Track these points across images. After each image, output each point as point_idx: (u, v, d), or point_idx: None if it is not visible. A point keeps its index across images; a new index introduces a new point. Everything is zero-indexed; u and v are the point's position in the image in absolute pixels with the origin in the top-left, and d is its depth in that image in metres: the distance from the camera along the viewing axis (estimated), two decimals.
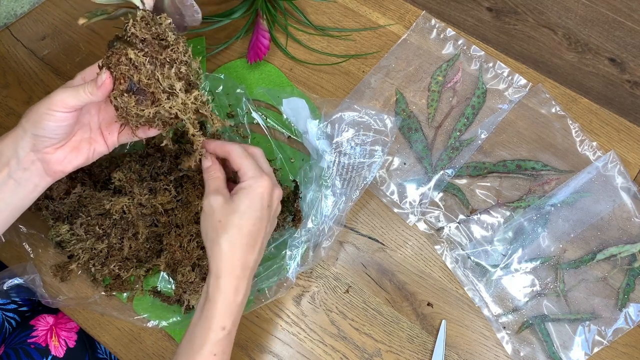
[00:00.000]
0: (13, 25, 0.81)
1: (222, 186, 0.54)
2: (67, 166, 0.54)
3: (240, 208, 0.52)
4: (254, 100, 0.75)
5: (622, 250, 0.68)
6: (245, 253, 0.52)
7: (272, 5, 0.79)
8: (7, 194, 0.52)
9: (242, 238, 0.51)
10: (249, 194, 0.52)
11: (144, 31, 0.49)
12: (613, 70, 0.82)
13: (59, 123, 0.50)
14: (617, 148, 0.74)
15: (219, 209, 0.52)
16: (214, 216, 0.52)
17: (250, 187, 0.52)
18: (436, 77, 0.77)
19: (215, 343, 0.50)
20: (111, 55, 0.49)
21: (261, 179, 0.53)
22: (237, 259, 0.51)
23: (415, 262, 0.69)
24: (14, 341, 0.66)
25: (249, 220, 0.52)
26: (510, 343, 0.65)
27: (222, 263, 0.51)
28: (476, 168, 0.73)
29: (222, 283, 0.50)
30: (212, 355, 0.50)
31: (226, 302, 0.51)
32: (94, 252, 0.63)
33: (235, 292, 0.51)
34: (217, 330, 0.50)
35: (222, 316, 0.50)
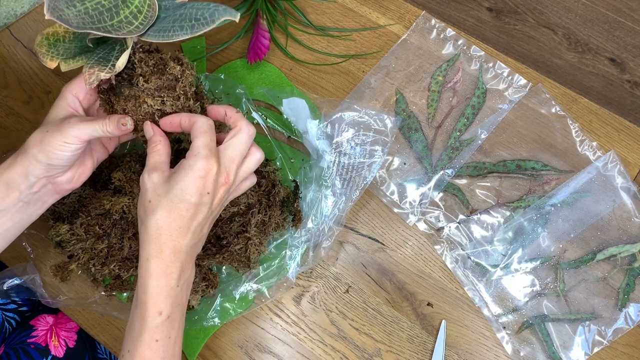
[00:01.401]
0: (13, 25, 0.81)
1: (161, 161, 0.50)
2: (76, 183, 0.55)
3: (173, 190, 0.47)
4: (254, 100, 0.75)
5: (622, 250, 0.68)
6: (174, 237, 0.48)
7: (272, 5, 0.79)
8: (15, 215, 0.52)
9: (171, 222, 0.48)
10: (186, 175, 0.47)
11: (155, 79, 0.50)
12: (613, 70, 0.82)
13: (73, 153, 0.50)
14: (617, 148, 0.74)
15: (151, 187, 0.48)
16: (145, 195, 0.48)
17: (190, 167, 0.47)
18: (436, 77, 0.77)
19: (155, 329, 0.48)
20: (123, 102, 0.51)
21: (206, 160, 0.47)
22: (164, 242, 0.48)
23: (415, 262, 0.69)
24: (14, 341, 0.66)
25: (181, 204, 0.47)
26: (510, 343, 0.65)
27: (149, 246, 0.48)
28: (476, 168, 0.73)
29: (151, 267, 0.48)
30: (154, 342, 0.48)
31: (158, 286, 0.48)
32: (94, 252, 0.63)
33: (166, 276, 0.48)
34: (154, 316, 0.48)
35: (156, 301, 0.48)
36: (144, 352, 0.48)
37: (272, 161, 0.71)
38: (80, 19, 0.45)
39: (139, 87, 0.50)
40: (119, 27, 0.46)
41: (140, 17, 0.47)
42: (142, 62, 0.50)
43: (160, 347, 0.48)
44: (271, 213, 0.65)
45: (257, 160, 0.53)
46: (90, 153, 0.56)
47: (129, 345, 0.48)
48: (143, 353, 0.48)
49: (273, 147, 0.72)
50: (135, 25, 0.47)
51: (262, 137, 0.72)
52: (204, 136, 0.49)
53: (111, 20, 0.46)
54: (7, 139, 0.74)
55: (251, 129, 0.51)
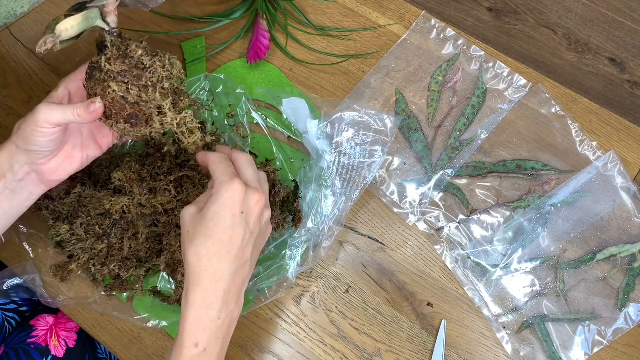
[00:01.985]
0: (13, 25, 0.81)
1: (201, 197, 0.51)
2: (62, 174, 0.55)
3: (207, 216, 0.48)
4: (254, 100, 0.75)
5: (622, 250, 0.68)
6: (214, 263, 0.47)
7: (272, 5, 0.79)
8: (4, 203, 0.53)
9: (209, 247, 0.47)
10: (216, 201, 0.48)
11: (119, 63, 0.50)
12: (613, 70, 0.82)
13: (48, 138, 0.50)
14: (617, 148, 0.74)
15: (189, 219, 0.49)
16: (184, 228, 0.49)
17: (217, 193, 0.48)
18: (436, 77, 0.77)
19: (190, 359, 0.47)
20: (95, 86, 0.51)
21: (229, 183, 0.48)
22: (204, 270, 0.47)
23: (415, 262, 0.69)
24: (14, 341, 0.66)
25: (216, 229, 0.47)
26: (510, 343, 0.65)
27: (190, 276, 0.48)
28: (476, 168, 0.73)
29: (190, 296, 0.47)
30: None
31: (196, 317, 0.47)
32: (94, 252, 0.63)
33: (206, 306, 0.47)
34: (190, 347, 0.47)
35: (193, 332, 0.47)
36: None
37: (272, 161, 0.71)
38: None
39: (103, 70, 0.50)
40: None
41: None
42: (114, 47, 0.50)
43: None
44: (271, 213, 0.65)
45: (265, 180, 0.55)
46: (80, 147, 0.56)
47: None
48: None
49: (273, 147, 0.72)
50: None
51: (262, 137, 0.72)
52: (221, 165, 0.50)
53: None
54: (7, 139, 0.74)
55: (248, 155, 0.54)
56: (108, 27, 0.51)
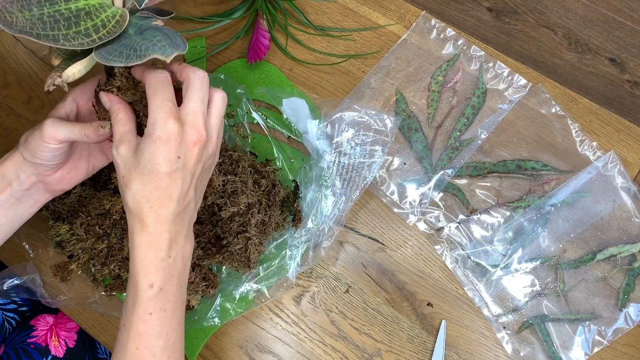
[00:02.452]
0: None
1: (126, 131, 0.47)
2: (67, 185, 0.55)
3: (141, 162, 0.45)
4: (254, 100, 0.75)
5: (622, 250, 0.68)
6: (155, 208, 0.46)
7: (272, 5, 0.79)
8: (8, 211, 0.53)
9: (147, 194, 0.45)
10: (149, 145, 0.44)
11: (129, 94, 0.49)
12: (613, 70, 0.82)
13: (53, 153, 0.50)
14: (617, 148, 0.74)
15: (121, 162, 0.46)
16: (118, 171, 0.47)
17: (150, 135, 0.45)
18: (436, 77, 0.77)
19: (147, 301, 0.46)
20: (104, 111, 0.50)
21: (163, 124, 0.44)
22: (146, 215, 0.46)
23: (415, 262, 0.69)
24: (14, 341, 0.66)
25: (152, 176, 0.45)
26: (510, 343, 0.65)
27: (133, 220, 0.46)
28: (476, 168, 0.73)
29: (137, 240, 0.46)
30: (148, 315, 0.46)
31: (147, 259, 0.46)
32: (94, 252, 0.63)
33: (154, 248, 0.46)
34: (145, 289, 0.46)
35: (145, 273, 0.46)
36: (138, 325, 0.46)
37: (272, 161, 0.71)
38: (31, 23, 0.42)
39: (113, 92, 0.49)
40: (73, 38, 0.42)
41: (102, 31, 0.43)
42: (122, 75, 0.49)
43: (156, 321, 0.47)
44: (271, 213, 0.65)
45: (221, 100, 0.50)
46: (87, 158, 0.56)
47: (124, 319, 0.47)
48: (138, 327, 0.46)
49: (273, 147, 0.72)
50: (92, 38, 0.43)
51: (262, 137, 0.72)
52: (156, 96, 0.45)
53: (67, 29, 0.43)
54: (7, 139, 0.74)
55: (200, 72, 0.47)
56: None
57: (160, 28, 0.46)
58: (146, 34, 0.45)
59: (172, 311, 0.48)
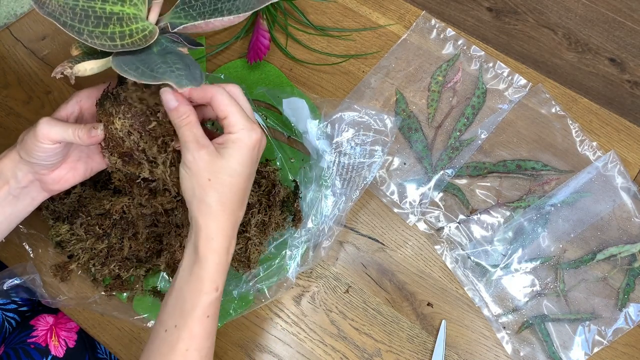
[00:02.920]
0: (13, 25, 0.81)
1: (201, 135, 0.48)
2: (64, 184, 0.55)
3: (232, 165, 0.47)
4: (254, 100, 0.75)
5: (622, 250, 0.68)
6: (235, 212, 0.49)
7: (272, 5, 0.79)
8: (6, 208, 0.53)
9: (233, 196, 0.48)
10: (241, 149, 0.47)
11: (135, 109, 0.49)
12: (613, 70, 0.82)
13: (48, 153, 0.50)
14: (617, 148, 0.74)
15: (205, 166, 0.47)
16: (201, 174, 0.47)
17: (241, 140, 0.47)
18: (436, 77, 0.77)
19: (209, 304, 0.48)
20: (101, 114, 0.50)
21: (253, 131, 0.48)
22: (228, 218, 0.48)
23: (415, 262, 0.69)
24: (14, 341, 0.66)
25: (240, 178, 0.48)
26: (510, 343, 0.65)
27: (213, 223, 0.48)
28: (476, 168, 0.73)
29: (215, 244, 0.48)
30: (206, 317, 0.48)
31: (219, 263, 0.48)
32: (94, 252, 0.63)
33: (227, 252, 0.49)
34: (211, 292, 0.48)
35: (215, 277, 0.48)
36: (193, 327, 0.47)
37: (272, 161, 0.71)
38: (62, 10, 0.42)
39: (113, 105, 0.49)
40: (97, 37, 0.43)
41: (127, 40, 0.44)
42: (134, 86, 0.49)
43: (209, 323, 0.48)
44: (271, 213, 0.65)
45: None
46: (85, 160, 0.56)
47: (176, 320, 0.47)
48: (193, 329, 0.47)
49: (273, 147, 0.72)
50: (115, 43, 0.44)
51: None
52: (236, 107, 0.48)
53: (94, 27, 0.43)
54: (7, 139, 0.74)
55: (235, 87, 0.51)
56: None
57: (183, 56, 0.46)
58: (168, 58, 0.45)
59: (216, 316, 0.50)
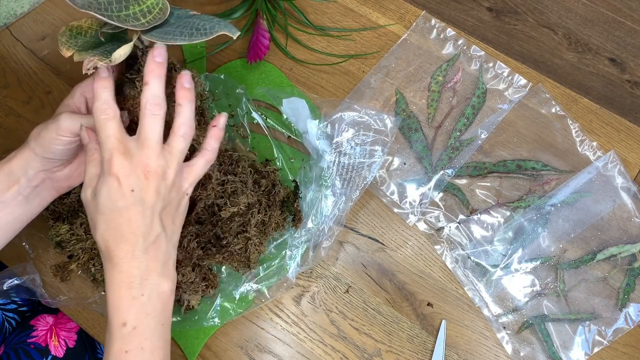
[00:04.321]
0: (13, 25, 0.81)
1: (96, 174, 0.47)
2: (75, 181, 0.55)
3: (100, 202, 0.46)
4: (254, 100, 0.75)
5: (622, 250, 0.68)
6: (122, 246, 0.46)
7: (272, 5, 0.79)
8: (15, 208, 0.53)
9: (111, 233, 0.46)
10: (103, 184, 0.46)
11: None
12: (613, 70, 0.82)
13: (67, 146, 0.51)
14: (617, 148, 0.74)
15: (87, 205, 0.48)
16: (88, 214, 0.48)
17: (102, 174, 0.46)
18: (436, 77, 0.77)
19: (122, 339, 0.46)
20: (124, 101, 0.51)
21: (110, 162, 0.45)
22: (115, 253, 0.46)
23: (415, 262, 0.69)
24: (14, 341, 0.66)
25: (112, 214, 0.46)
26: (510, 343, 0.65)
27: (104, 260, 0.47)
28: (476, 168, 0.73)
29: (108, 279, 0.47)
30: (124, 353, 0.46)
31: (119, 297, 0.46)
32: (94, 252, 0.63)
33: (125, 286, 0.46)
34: (119, 327, 0.46)
35: (117, 312, 0.46)
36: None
37: (272, 161, 0.71)
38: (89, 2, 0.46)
39: (137, 89, 0.50)
40: (125, 20, 0.47)
41: (148, 16, 0.48)
42: None
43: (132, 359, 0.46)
44: (271, 213, 0.65)
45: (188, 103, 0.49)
46: None
47: (104, 355, 0.48)
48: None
49: (273, 147, 0.72)
50: (141, 22, 0.48)
51: (262, 137, 0.72)
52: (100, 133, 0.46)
53: (119, 12, 0.47)
54: (7, 139, 0.74)
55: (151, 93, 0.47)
56: (142, 45, 0.51)
57: (201, 15, 0.50)
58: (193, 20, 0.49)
59: (152, 350, 0.47)
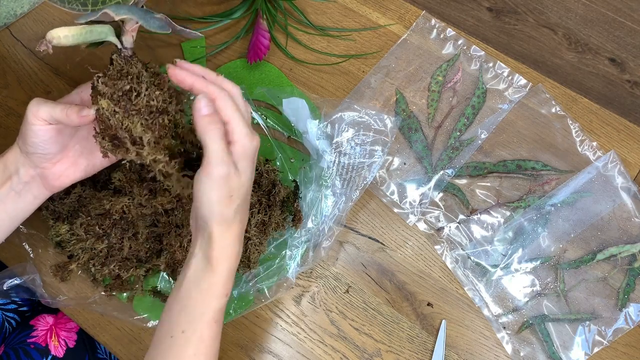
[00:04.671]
0: (13, 25, 0.81)
1: (224, 148, 0.47)
2: (65, 181, 0.55)
3: (243, 179, 0.48)
4: (254, 100, 0.75)
5: (622, 250, 0.68)
6: (244, 219, 0.50)
7: (272, 5, 0.79)
8: (8, 206, 0.53)
9: (245, 205, 0.50)
10: (247, 158, 0.48)
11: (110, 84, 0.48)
12: (613, 70, 0.82)
13: (41, 137, 0.50)
14: (617, 148, 0.74)
15: (229, 182, 0.47)
16: (224, 189, 0.46)
17: (247, 149, 0.48)
18: (436, 77, 0.77)
19: (219, 310, 0.49)
20: (93, 97, 0.49)
21: (254, 138, 0.49)
22: (239, 227, 0.50)
23: (415, 262, 0.69)
24: (14, 341, 0.66)
25: (249, 186, 0.49)
26: (510, 343, 0.65)
27: (228, 233, 0.48)
28: (476, 168, 0.73)
29: (229, 251, 0.49)
30: (214, 323, 0.48)
31: (231, 269, 0.49)
32: (94, 252, 0.63)
33: (237, 258, 0.50)
34: (221, 297, 0.49)
35: (227, 283, 0.49)
36: (203, 332, 0.48)
37: (272, 161, 0.71)
38: None
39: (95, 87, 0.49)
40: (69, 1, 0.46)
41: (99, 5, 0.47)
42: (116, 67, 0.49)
43: (217, 329, 0.49)
44: (271, 213, 0.65)
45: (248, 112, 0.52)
46: (87, 156, 0.56)
47: (183, 326, 0.48)
48: (202, 333, 0.47)
49: (273, 147, 0.72)
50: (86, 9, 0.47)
51: (262, 137, 0.72)
52: (239, 115, 0.48)
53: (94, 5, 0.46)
54: (7, 139, 0.74)
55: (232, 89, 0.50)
56: (120, 46, 0.50)
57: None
58: None
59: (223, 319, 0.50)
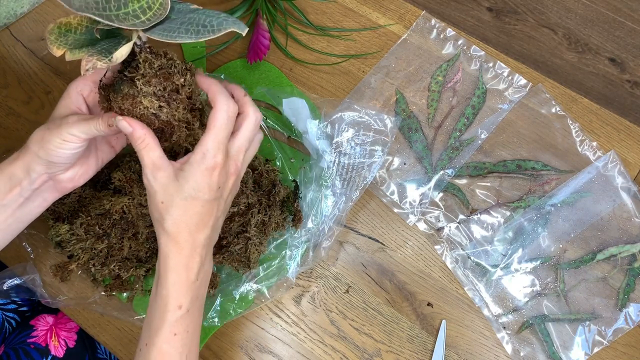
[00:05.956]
0: (13, 25, 0.81)
1: (157, 156, 0.47)
2: (79, 181, 0.55)
3: (185, 188, 0.47)
4: (254, 100, 0.74)
5: (622, 250, 0.68)
6: (193, 234, 0.49)
7: (272, 5, 0.79)
8: (17, 210, 0.53)
9: (188, 220, 0.48)
10: (196, 172, 0.47)
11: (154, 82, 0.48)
12: (613, 70, 0.82)
13: (74, 151, 0.50)
14: (617, 148, 0.74)
15: (160, 188, 0.47)
16: (156, 197, 0.48)
17: (198, 163, 0.47)
18: (436, 77, 0.77)
19: (174, 323, 0.48)
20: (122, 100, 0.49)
21: (214, 157, 0.47)
22: (184, 239, 0.48)
23: (415, 262, 0.69)
24: (14, 341, 0.66)
25: (195, 202, 0.48)
26: (510, 343, 0.65)
27: (169, 243, 0.48)
28: (476, 168, 0.73)
29: (171, 262, 0.48)
30: (173, 335, 0.48)
31: (179, 281, 0.48)
32: (94, 252, 0.63)
33: (187, 270, 0.49)
34: (174, 310, 0.48)
35: (176, 295, 0.48)
36: (162, 346, 0.48)
37: (272, 161, 0.71)
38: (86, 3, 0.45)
39: (137, 88, 0.48)
40: (124, 19, 0.45)
41: (148, 13, 0.47)
42: (147, 63, 0.48)
43: (179, 341, 0.49)
44: (271, 213, 0.65)
45: (259, 140, 0.53)
46: (95, 153, 0.55)
47: (147, 339, 0.49)
48: (161, 347, 0.48)
49: (273, 147, 0.72)
50: (141, 20, 0.46)
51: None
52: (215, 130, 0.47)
53: (117, 10, 0.46)
54: (7, 139, 0.74)
55: (258, 114, 0.51)
56: (139, 42, 0.49)
57: (204, 10, 0.48)
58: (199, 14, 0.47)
59: (193, 332, 0.50)
